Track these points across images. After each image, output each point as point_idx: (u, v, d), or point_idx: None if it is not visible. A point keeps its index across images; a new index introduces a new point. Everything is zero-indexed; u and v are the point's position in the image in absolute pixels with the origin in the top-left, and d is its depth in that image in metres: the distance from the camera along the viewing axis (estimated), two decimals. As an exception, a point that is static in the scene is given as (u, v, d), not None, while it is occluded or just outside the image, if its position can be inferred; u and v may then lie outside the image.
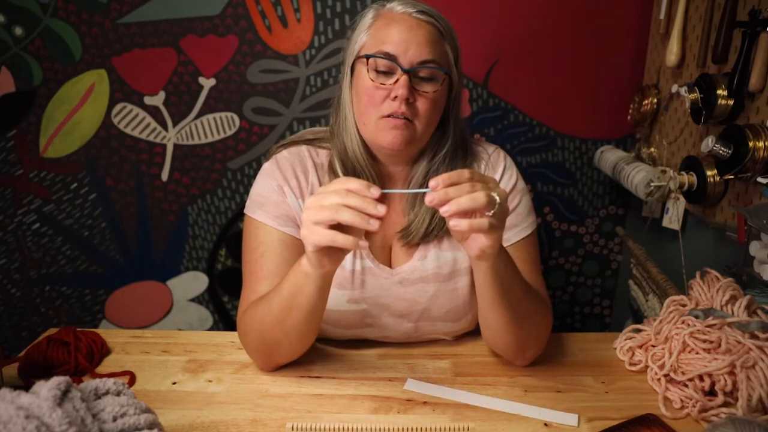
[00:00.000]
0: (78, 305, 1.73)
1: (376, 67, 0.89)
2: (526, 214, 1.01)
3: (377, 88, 0.89)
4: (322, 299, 0.84)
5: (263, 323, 0.88)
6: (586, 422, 0.84)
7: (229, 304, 1.75)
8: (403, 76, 0.87)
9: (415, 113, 0.90)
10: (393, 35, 0.88)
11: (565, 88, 1.56)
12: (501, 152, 1.05)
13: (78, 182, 1.62)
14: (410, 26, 0.89)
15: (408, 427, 0.80)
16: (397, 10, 0.91)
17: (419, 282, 0.98)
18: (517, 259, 0.92)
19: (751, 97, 1.05)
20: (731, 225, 1.10)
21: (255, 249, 0.96)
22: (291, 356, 0.94)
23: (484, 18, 1.50)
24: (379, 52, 0.89)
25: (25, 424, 0.56)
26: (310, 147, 1.00)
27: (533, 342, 0.94)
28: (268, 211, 0.95)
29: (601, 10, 1.50)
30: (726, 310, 0.92)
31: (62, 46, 1.51)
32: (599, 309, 1.78)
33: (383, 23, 0.91)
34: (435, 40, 0.90)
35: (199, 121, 1.58)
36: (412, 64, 0.88)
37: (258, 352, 0.94)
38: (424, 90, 0.90)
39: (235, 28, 1.51)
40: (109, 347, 1.03)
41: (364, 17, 0.95)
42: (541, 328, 0.95)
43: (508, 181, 1.01)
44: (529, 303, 0.89)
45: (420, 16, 0.90)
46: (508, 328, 0.89)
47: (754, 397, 0.81)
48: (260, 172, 1.00)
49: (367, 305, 0.98)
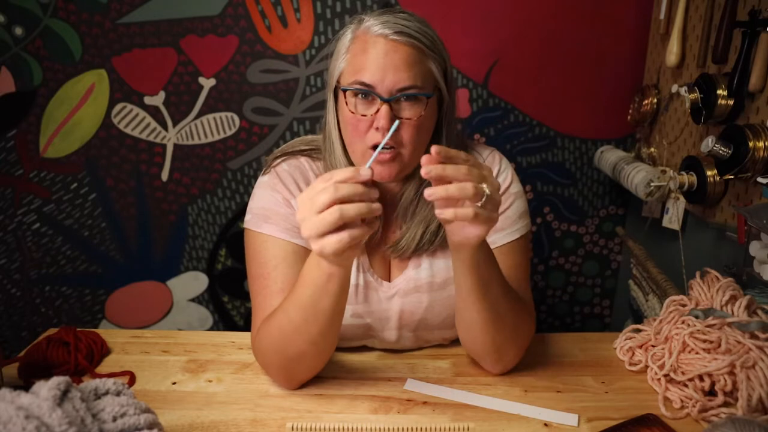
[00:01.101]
0: (78, 305, 1.73)
1: (356, 97, 0.86)
2: (516, 218, 0.98)
3: (359, 120, 0.85)
4: (344, 296, 0.81)
5: (283, 336, 0.84)
6: (586, 422, 0.84)
7: (229, 304, 1.75)
8: (384, 106, 0.83)
9: (400, 141, 0.86)
10: (369, 62, 0.84)
11: (565, 88, 1.56)
12: (496, 155, 1.02)
13: (78, 182, 1.62)
14: (386, 51, 0.84)
15: (408, 427, 0.80)
16: (373, 32, 0.85)
17: (414, 292, 0.97)
18: (502, 263, 0.91)
19: (751, 97, 1.05)
20: (731, 225, 1.10)
21: (265, 263, 0.92)
22: (313, 369, 0.91)
23: (484, 18, 1.50)
24: (356, 82, 0.85)
25: (25, 424, 0.56)
26: (309, 159, 0.98)
27: (511, 346, 0.91)
28: (277, 224, 0.92)
29: (601, 10, 1.50)
30: (726, 310, 0.92)
31: (62, 46, 1.51)
32: (599, 309, 1.78)
33: (359, 48, 0.86)
34: (415, 62, 0.85)
35: (199, 121, 1.58)
36: (391, 92, 0.84)
37: (281, 370, 0.89)
38: (407, 116, 0.85)
39: (235, 28, 1.51)
40: (109, 347, 1.03)
41: (342, 38, 0.90)
42: (521, 332, 0.92)
43: (501, 183, 0.99)
44: (507, 303, 0.87)
45: (397, 37, 0.84)
46: (484, 326, 0.87)
47: (754, 397, 0.81)
48: (259, 185, 0.97)
49: (370, 319, 0.98)
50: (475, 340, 0.91)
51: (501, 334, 0.89)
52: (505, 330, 0.89)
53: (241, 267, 1.71)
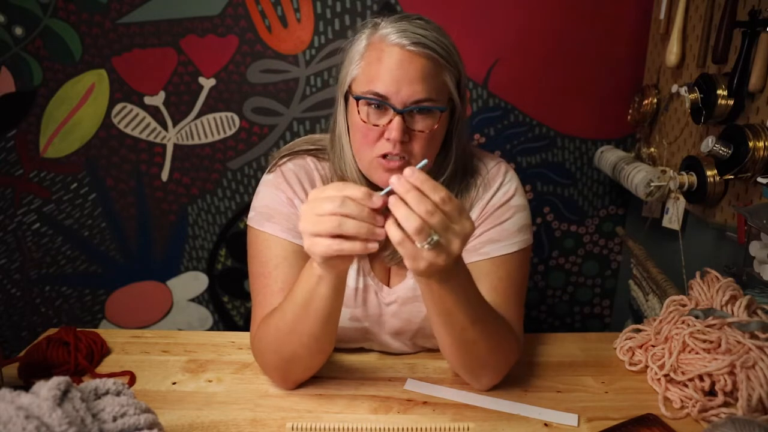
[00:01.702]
0: (78, 305, 1.73)
1: (368, 105, 0.84)
2: (515, 231, 0.94)
3: (370, 129, 0.85)
4: (338, 300, 0.80)
5: (279, 335, 0.84)
6: (586, 422, 0.84)
7: (229, 304, 1.75)
8: (396, 117, 0.82)
9: (410, 152, 0.85)
10: (384, 73, 0.82)
11: (565, 88, 1.56)
12: (502, 167, 0.99)
13: (78, 182, 1.62)
14: (402, 61, 0.82)
15: (408, 427, 0.80)
16: (390, 40, 0.83)
17: (413, 301, 0.97)
18: (492, 275, 0.90)
19: (751, 97, 1.05)
20: (731, 225, 1.10)
21: (266, 262, 0.92)
22: (309, 370, 0.90)
23: (484, 18, 1.50)
24: (370, 92, 0.83)
25: (25, 424, 0.56)
26: (315, 159, 0.98)
27: (485, 370, 0.88)
28: (279, 224, 0.92)
29: (601, 10, 1.50)
30: (726, 310, 0.92)
31: (62, 46, 1.51)
32: (599, 309, 1.78)
33: (375, 56, 0.84)
34: (430, 74, 0.83)
35: (199, 121, 1.58)
36: (405, 104, 0.82)
37: (276, 370, 0.90)
38: (419, 129, 0.84)
39: (235, 28, 1.51)
40: (109, 347, 1.03)
41: (357, 43, 0.88)
42: (498, 357, 0.87)
43: (502, 196, 0.96)
44: (478, 331, 0.81)
45: (414, 48, 0.82)
46: (450, 350, 0.85)
47: (754, 397, 0.81)
48: (263, 184, 0.96)
49: (368, 323, 0.98)
50: (447, 358, 0.90)
51: (470, 359, 0.86)
52: (474, 356, 0.85)
53: (241, 267, 1.71)
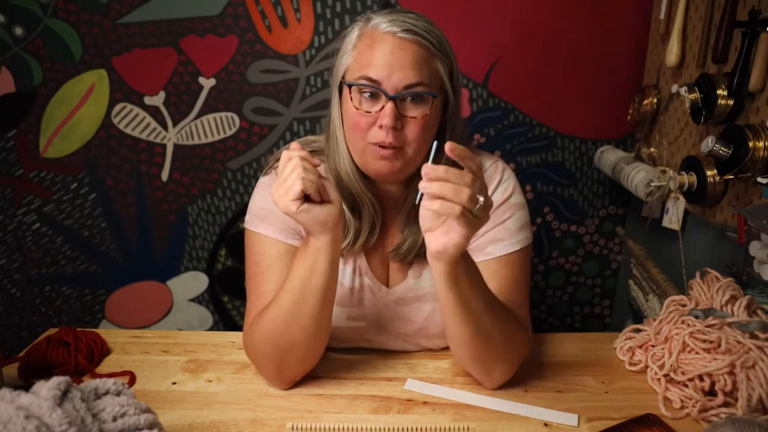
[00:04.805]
0: (78, 305, 1.73)
1: (361, 93, 0.85)
2: (516, 230, 0.95)
3: (362, 116, 0.85)
4: (334, 278, 0.84)
5: (275, 326, 0.85)
6: (586, 422, 0.84)
7: (229, 304, 1.75)
8: (389, 104, 0.83)
9: (404, 140, 0.86)
10: (376, 58, 0.84)
11: (565, 88, 1.56)
12: (499, 165, 1.00)
13: (78, 182, 1.62)
14: (394, 48, 0.84)
15: (408, 427, 0.80)
16: (381, 29, 0.85)
17: (415, 301, 0.97)
18: (498, 275, 0.90)
19: (751, 97, 1.05)
20: (731, 225, 1.10)
21: (260, 263, 0.93)
22: (305, 362, 0.91)
23: (484, 18, 1.50)
24: (362, 77, 0.84)
25: (25, 424, 0.56)
26: None
27: (497, 362, 0.89)
28: (273, 225, 0.93)
29: (601, 10, 1.50)
30: (726, 310, 0.92)
31: (62, 46, 1.51)
32: (599, 309, 1.78)
33: (366, 44, 0.86)
34: (422, 60, 0.85)
35: (199, 121, 1.58)
36: (397, 89, 0.84)
37: (271, 363, 0.89)
38: (412, 115, 0.85)
39: (235, 28, 1.51)
40: (109, 347, 1.03)
41: (349, 35, 0.90)
42: (510, 349, 0.89)
43: (501, 194, 0.97)
44: (493, 320, 0.84)
45: (405, 35, 0.84)
46: (466, 341, 0.85)
47: (754, 397, 0.81)
48: (258, 186, 0.97)
49: (365, 323, 0.98)
50: (460, 354, 0.90)
51: (485, 350, 0.87)
52: (489, 346, 0.86)
53: (241, 267, 1.70)
